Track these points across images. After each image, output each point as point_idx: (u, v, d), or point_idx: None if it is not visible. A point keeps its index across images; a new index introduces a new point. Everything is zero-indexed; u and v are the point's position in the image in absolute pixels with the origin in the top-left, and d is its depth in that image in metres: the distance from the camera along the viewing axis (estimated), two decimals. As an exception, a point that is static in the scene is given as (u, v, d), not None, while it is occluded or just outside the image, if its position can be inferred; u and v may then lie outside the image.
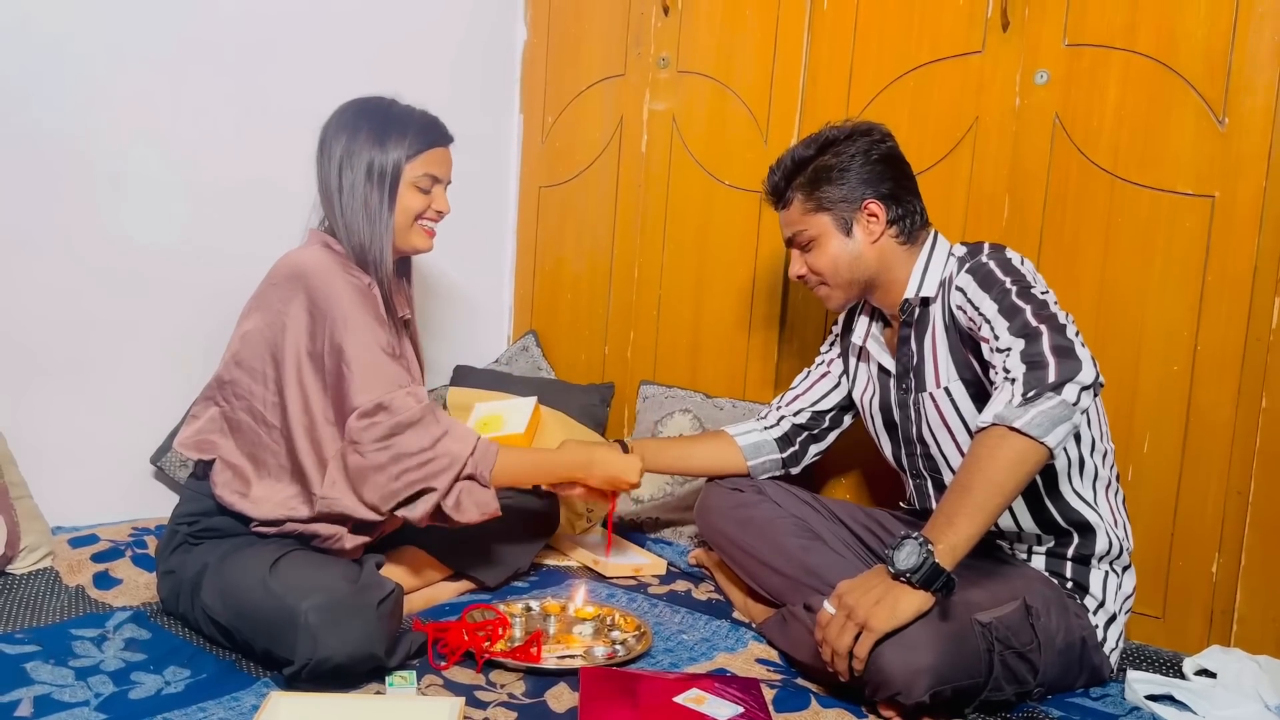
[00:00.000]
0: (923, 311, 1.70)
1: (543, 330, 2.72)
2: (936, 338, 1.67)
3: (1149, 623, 1.83)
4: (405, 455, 1.55)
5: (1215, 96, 1.74)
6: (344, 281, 1.60)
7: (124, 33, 2.01)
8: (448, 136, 1.74)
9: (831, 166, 1.69)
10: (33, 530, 1.80)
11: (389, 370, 1.58)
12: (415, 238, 1.72)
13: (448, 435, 1.58)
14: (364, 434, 1.54)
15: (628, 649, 1.59)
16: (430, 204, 1.71)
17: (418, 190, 1.69)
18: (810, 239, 1.72)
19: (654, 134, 2.46)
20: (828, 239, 1.71)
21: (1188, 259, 1.78)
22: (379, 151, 1.65)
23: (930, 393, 1.68)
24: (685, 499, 2.23)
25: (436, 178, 1.71)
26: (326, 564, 1.53)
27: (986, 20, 1.96)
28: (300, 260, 1.62)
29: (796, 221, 1.73)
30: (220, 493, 1.60)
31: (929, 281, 1.68)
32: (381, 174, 1.65)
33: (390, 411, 1.55)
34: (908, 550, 1.36)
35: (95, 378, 2.05)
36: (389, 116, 1.69)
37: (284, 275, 1.62)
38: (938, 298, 1.68)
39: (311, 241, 1.69)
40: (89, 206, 2.00)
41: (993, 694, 1.42)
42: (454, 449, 1.58)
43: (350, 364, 1.55)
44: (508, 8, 2.70)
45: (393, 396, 1.56)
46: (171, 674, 1.43)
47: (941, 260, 1.69)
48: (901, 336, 1.73)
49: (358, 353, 1.56)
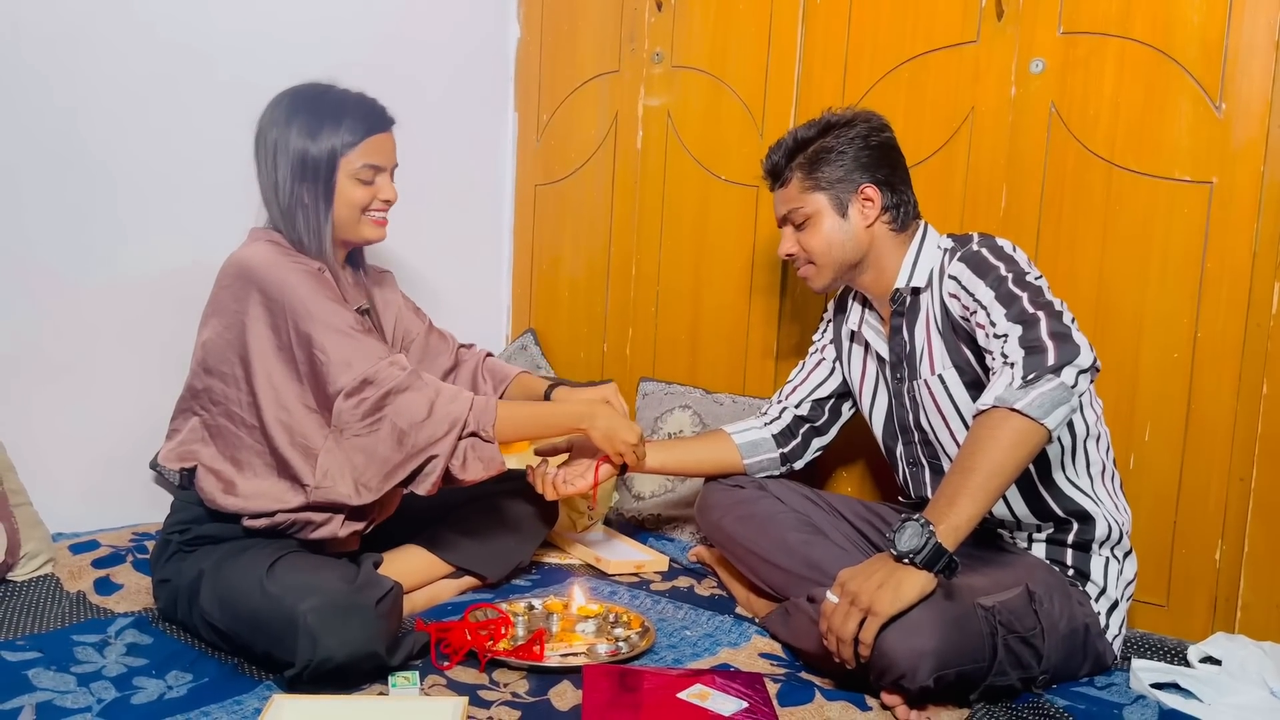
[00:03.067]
0: (913, 300, 1.70)
1: (541, 328, 2.71)
2: (930, 326, 1.67)
3: (1153, 611, 1.83)
4: (401, 424, 1.52)
5: (1212, 82, 1.74)
6: (294, 270, 1.57)
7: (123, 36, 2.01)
8: (387, 120, 1.67)
9: (832, 149, 1.70)
10: (33, 537, 1.79)
11: (364, 345, 1.55)
12: (364, 229, 1.67)
13: (441, 396, 1.55)
14: (353, 413, 1.52)
15: (631, 646, 1.59)
16: (375, 194, 1.65)
17: (359, 182, 1.63)
18: (805, 217, 1.73)
19: (649, 130, 2.46)
20: (822, 218, 1.71)
21: (1186, 246, 1.77)
22: (311, 143, 1.59)
23: (925, 380, 1.68)
24: (687, 496, 2.23)
25: (378, 166, 1.64)
26: (324, 565, 1.52)
27: (981, 9, 1.95)
28: (245, 258, 1.59)
29: (793, 199, 1.74)
30: (208, 496, 1.58)
31: (919, 271, 1.69)
32: (315, 167, 1.60)
33: (376, 384, 1.53)
34: (910, 532, 1.37)
35: (94, 384, 2.04)
36: (321, 104, 1.62)
37: (232, 275, 1.60)
38: (928, 287, 1.68)
39: (255, 237, 1.66)
40: (86, 211, 2.00)
41: (997, 679, 1.42)
42: (452, 409, 1.54)
43: (322, 349, 1.53)
44: (500, 5, 2.70)
45: (376, 369, 1.54)
46: (174, 679, 1.43)
47: (931, 251, 1.71)
48: (894, 326, 1.74)
49: (327, 336, 1.54)
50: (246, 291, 1.57)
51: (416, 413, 1.53)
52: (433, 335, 1.90)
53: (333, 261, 1.66)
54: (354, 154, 1.62)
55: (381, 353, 1.57)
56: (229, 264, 1.62)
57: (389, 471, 1.53)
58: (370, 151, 1.64)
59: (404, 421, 1.52)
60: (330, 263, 1.64)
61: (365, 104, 1.66)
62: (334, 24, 2.32)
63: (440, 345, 1.90)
